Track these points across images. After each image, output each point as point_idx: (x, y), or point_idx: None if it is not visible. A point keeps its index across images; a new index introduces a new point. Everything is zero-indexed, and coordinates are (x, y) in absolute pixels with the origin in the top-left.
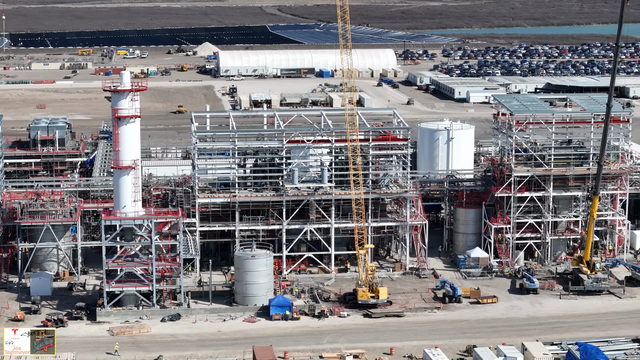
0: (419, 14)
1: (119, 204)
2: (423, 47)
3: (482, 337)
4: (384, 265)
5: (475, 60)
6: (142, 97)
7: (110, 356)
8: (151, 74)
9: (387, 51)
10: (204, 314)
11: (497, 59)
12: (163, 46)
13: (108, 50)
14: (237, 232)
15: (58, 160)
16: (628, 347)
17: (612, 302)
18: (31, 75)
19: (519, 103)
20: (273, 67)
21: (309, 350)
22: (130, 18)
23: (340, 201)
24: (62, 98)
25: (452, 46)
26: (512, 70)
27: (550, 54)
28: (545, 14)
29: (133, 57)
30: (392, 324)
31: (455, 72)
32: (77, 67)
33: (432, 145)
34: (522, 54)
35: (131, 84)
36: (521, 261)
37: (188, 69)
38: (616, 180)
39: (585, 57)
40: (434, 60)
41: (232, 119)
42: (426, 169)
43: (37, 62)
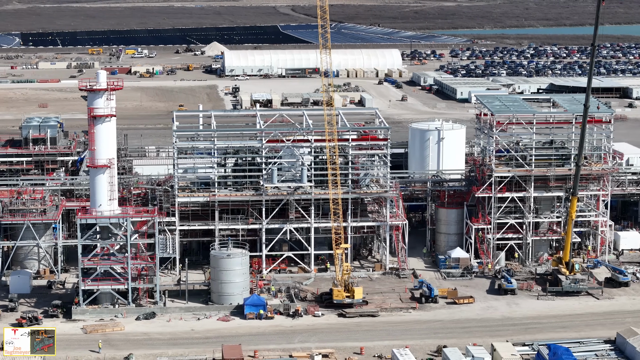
0: (432, 14)
1: (95, 202)
2: (431, 47)
3: (455, 337)
4: (364, 265)
5: (482, 61)
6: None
7: (78, 353)
8: (157, 73)
9: (393, 51)
10: (179, 312)
11: (505, 60)
12: (172, 46)
13: (117, 49)
14: (217, 231)
15: (49, 159)
16: (600, 348)
17: (590, 303)
18: (38, 74)
19: (500, 103)
20: (278, 67)
21: (279, 350)
22: (142, 17)
23: (319, 201)
24: (65, 97)
25: (461, 46)
26: (518, 71)
27: (559, 54)
28: (558, 15)
29: (141, 56)
30: (365, 324)
31: (461, 72)
32: (83, 66)
33: (423, 145)
34: (530, 54)
35: (107, 84)
36: (502, 262)
37: (194, 68)
38: (598, 181)
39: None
40: (441, 61)
41: (213, 119)
42: (417, 169)
43: (44, 62)
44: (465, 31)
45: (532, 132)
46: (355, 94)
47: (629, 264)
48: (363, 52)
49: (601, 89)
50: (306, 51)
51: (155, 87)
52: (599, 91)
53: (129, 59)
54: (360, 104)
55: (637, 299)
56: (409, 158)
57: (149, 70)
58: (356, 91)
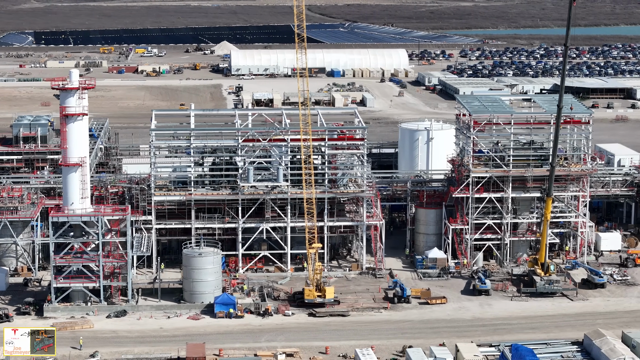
0: (448, 14)
1: (67, 200)
2: (442, 48)
3: (422, 337)
4: (342, 265)
5: (490, 61)
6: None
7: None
8: (163, 72)
9: (400, 51)
10: (150, 310)
11: (513, 60)
12: (182, 45)
13: (127, 48)
14: (193, 230)
15: (39, 157)
16: (567, 349)
17: (563, 304)
18: (45, 73)
19: (479, 104)
20: (284, 67)
21: (245, 348)
22: (157, 16)
23: (296, 200)
24: None
25: (471, 46)
26: (526, 71)
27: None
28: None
29: (150, 55)
30: (334, 323)
31: (467, 72)
32: (92, 65)
33: (412, 145)
34: (540, 54)
35: (79, 83)
36: (480, 262)
37: (201, 67)
38: (578, 182)
39: (604, 58)
40: (450, 61)
41: (192, 118)
42: (407, 168)
43: (52, 60)
44: (478, 31)
45: (510, 132)
46: (357, 94)
47: (608, 265)
48: (370, 52)
49: (605, 90)
50: (312, 51)
51: (160, 86)
52: (603, 92)
53: (138, 58)
54: (362, 103)
55: (611, 301)
56: (399, 158)
57: (156, 69)
58: (360, 91)
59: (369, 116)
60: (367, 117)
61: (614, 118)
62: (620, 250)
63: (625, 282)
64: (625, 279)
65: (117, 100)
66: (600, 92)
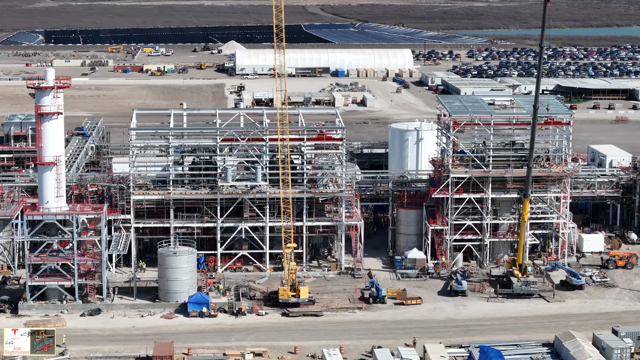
0: (460, 14)
1: (42, 199)
2: (450, 48)
3: (393, 338)
4: (322, 265)
5: (497, 61)
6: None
7: None
8: (168, 71)
9: (405, 51)
10: (124, 309)
11: (520, 60)
12: (190, 44)
13: (135, 47)
14: (172, 229)
15: (30, 156)
16: (537, 351)
17: (539, 305)
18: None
19: (460, 104)
20: (289, 66)
21: (214, 348)
22: (170, 16)
23: (275, 200)
24: (71, 94)
25: (479, 47)
26: (531, 72)
27: (576, 55)
28: (587, 16)
29: (157, 54)
30: (306, 323)
31: (472, 72)
32: (97, 64)
33: (402, 145)
34: (548, 55)
35: (55, 82)
36: (460, 263)
37: (207, 67)
38: (559, 183)
39: (611, 59)
40: (456, 61)
41: (172, 117)
42: (397, 168)
43: (59, 59)
44: (488, 31)
45: (490, 133)
46: (357, 94)
47: (589, 266)
48: (375, 52)
49: (607, 91)
50: (317, 50)
51: (163, 85)
52: (605, 92)
53: (145, 57)
54: (362, 103)
55: (587, 302)
56: (389, 158)
57: (160, 69)
58: (362, 91)
59: (368, 116)
60: (366, 117)
61: (614, 119)
62: (602, 252)
63: (604, 284)
64: (604, 280)
65: (119, 99)
66: (603, 93)
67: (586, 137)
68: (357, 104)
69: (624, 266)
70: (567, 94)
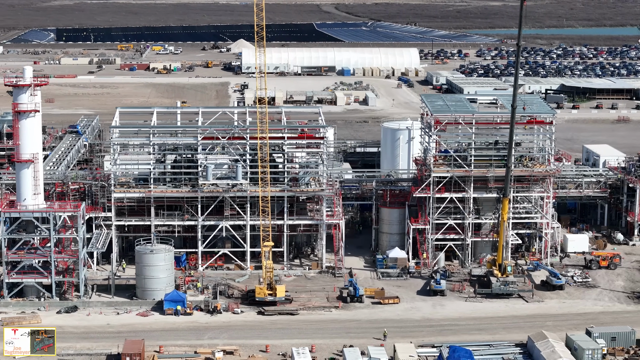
0: (474, 13)
1: (20, 196)
2: (460, 47)
3: (365, 337)
4: (304, 264)
5: (505, 61)
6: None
7: None
8: (175, 69)
9: (411, 50)
10: (101, 307)
11: (528, 60)
12: (200, 42)
13: (144, 45)
14: (153, 227)
15: None
16: (509, 351)
17: (517, 305)
18: (59, 69)
19: (443, 103)
20: (294, 65)
21: (186, 345)
22: (183, 14)
23: (255, 198)
24: (75, 93)
25: (489, 46)
26: (538, 71)
27: (586, 55)
28: (602, 15)
29: (166, 52)
30: (281, 322)
31: (478, 71)
32: (105, 62)
33: (394, 144)
34: (557, 54)
35: (32, 80)
36: (441, 262)
37: (214, 65)
38: (543, 182)
39: (620, 58)
40: (464, 60)
41: (155, 115)
42: (388, 167)
43: (66, 57)
44: (500, 31)
45: (472, 132)
46: (360, 93)
47: (573, 267)
48: (381, 50)
49: (611, 90)
50: (324, 49)
51: (168, 83)
52: (609, 92)
53: (154, 55)
54: (364, 102)
55: (566, 303)
56: (381, 157)
57: (166, 67)
58: (365, 90)
59: (369, 115)
60: (366, 115)
61: (616, 119)
62: (585, 252)
63: (585, 284)
64: (585, 281)
65: (122, 97)
66: (607, 93)
67: (586, 137)
68: (359, 103)
69: (607, 266)
70: (570, 94)
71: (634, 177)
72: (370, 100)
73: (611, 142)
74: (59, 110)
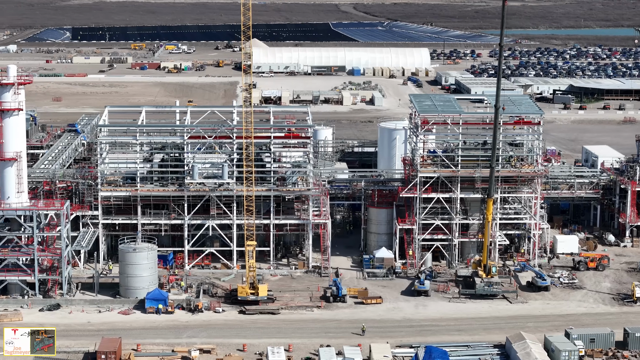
0: (492, 13)
1: (3, 194)
2: (473, 47)
3: (344, 337)
4: (292, 263)
5: (517, 61)
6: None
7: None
8: (185, 69)
9: (422, 50)
10: (83, 305)
11: (540, 60)
12: (214, 42)
13: (158, 44)
14: (139, 226)
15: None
16: (486, 352)
17: (500, 307)
18: (70, 68)
19: (431, 103)
20: (305, 64)
21: (164, 344)
22: (200, 14)
23: (242, 197)
24: (84, 91)
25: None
26: (549, 72)
27: (599, 55)
28: (620, 16)
29: (179, 52)
30: (261, 321)
31: (489, 72)
32: (116, 61)
33: (391, 144)
34: (570, 55)
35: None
36: (428, 262)
37: (225, 64)
38: (530, 183)
39: (634, 59)
40: (477, 60)
41: (143, 114)
42: (385, 167)
43: (79, 56)
44: (516, 31)
45: (459, 132)
46: (367, 92)
47: (561, 268)
48: (392, 50)
49: (620, 91)
50: (334, 49)
51: (177, 82)
52: (618, 93)
53: (166, 55)
54: (371, 102)
55: (550, 304)
56: (378, 157)
57: (177, 66)
58: (373, 90)
59: (374, 115)
60: (372, 115)
61: (622, 119)
62: (573, 253)
63: (571, 286)
64: (572, 282)
65: (130, 96)
66: (616, 94)
67: (590, 138)
68: (366, 103)
69: (596, 268)
70: (578, 94)
71: (626, 178)
72: (376, 100)
73: (615, 143)
74: (65, 109)
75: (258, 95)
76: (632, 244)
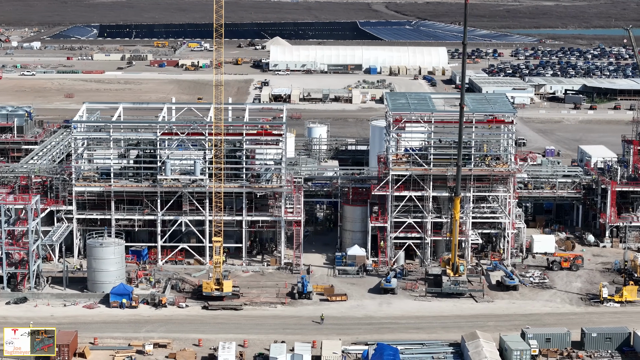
0: (524, 12)
1: None
2: (497, 46)
3: (302, 334)
4: (265, 260)
5: (537, 61)
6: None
7: None
8: (203, 66)
9: (440, 49)
10: (50, 298)
11: (560, 60)
12: (237, 40)
13: (181, 42)
14: (113, 221)
15: (15, 147)
16: (441, 350)
17: (465, 305)
18: (90, 65)
19: (405, 101)
20: (322, 63)
21: (122, 338)
22: (231, 12)
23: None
24: (97, 88)
25: (526, 46)
26: (568, 72)
27: (622, 55)
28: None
29: (201, 49)
30: (222, 317)
31: (506, 71)
32: (136, 58)
33: (382, 142)
34: (592, 55)
35: None
36: (401, 260)
37: (243, 62)
38: (505, 182)
39: None
40: (497, 60)
41: (121, 110)
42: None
43: (99, 53)
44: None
45: (431, 130)
46: (377, 91)
47: (534, 267)
48: (409, 49)
49: (633, 91)
50: (352, 48)
51: (192, 80)
52: (631, 93)
53: (188, 52)
54: (381, 101)
55: (516, 303)
56: (370, 155)
57: (194, 64)
58: (387, 88)
59: (381, 113)
60: (379, 114)
61: (630, 120)
62: (547, 253)
63: (541, 285)
64: (542, 282)
65: (143, 93)
66: (629, 94)
67: (594, 138)
68: (376, 101)
69: (569, 268)
70: (590, 94)
71: (607, 178)
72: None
73: (617, 143)
74: (76, 105)
75: (268, 92)
76: (612, 244)
